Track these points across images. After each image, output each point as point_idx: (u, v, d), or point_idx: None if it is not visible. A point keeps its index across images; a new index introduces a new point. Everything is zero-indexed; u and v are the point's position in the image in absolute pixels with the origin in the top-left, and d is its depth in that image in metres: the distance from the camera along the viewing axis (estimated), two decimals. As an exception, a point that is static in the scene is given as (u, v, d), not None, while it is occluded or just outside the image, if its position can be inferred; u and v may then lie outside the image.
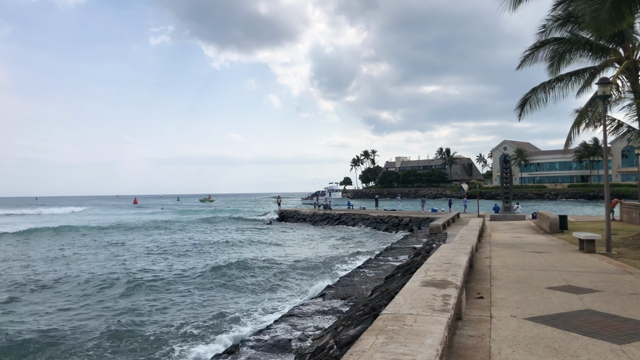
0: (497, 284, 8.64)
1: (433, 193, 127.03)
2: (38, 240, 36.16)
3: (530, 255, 12.83)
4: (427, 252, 15.70)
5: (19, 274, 20.36)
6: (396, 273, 14.51)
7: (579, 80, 17.81)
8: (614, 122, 17.60)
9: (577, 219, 29.81)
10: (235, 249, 29.00)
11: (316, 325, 10.82)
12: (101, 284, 17.93)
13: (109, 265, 23.12)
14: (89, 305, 14.87)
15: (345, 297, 13.36)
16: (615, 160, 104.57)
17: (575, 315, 6.26)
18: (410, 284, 6.17)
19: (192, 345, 10.52)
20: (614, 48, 16.92)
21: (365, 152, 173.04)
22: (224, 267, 21.15)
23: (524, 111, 18.76)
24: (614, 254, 12.68)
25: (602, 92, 13.18)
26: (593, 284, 8.45)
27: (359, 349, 3.58)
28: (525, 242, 16.68)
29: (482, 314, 6.46)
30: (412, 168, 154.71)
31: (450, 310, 4.69)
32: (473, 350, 4.94)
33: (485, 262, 11.41)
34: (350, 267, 20.13)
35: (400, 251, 22.62)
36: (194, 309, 14.16)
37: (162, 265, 22.56)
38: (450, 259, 8.28)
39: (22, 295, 16.21)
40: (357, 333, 7.32)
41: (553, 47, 17.26)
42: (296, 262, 22.81)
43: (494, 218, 32.41)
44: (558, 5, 16.93)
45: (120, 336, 11.41)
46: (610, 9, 11.30)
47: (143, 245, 31.65)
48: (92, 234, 41.50)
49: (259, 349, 9.35)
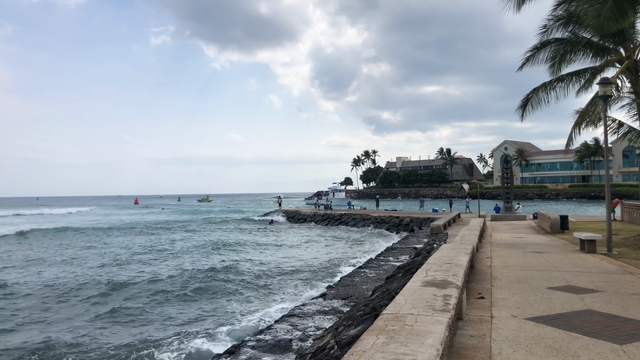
0: (498, 284, 8.63)
1: (434, 193, 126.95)
2: (41, 241, 36.20)
3: (531, 255, 12.82)
4: (428, 252, 15.69)
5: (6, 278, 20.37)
6: (397, 273, 14.50)
7: (580, 80, 17.79)
8: (615, 122, 17.59)
9: (578, 219, 29.78)
10: (234, 250, 28.99)
11: (317, 325, 10.81)
12: (97, 286, 17.89)
13: (107, 267, 23.14)
14: (86, 311, 14.88)
15: (346, 297, 13.36)
16: (616, 160, 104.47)
17: (576, 316, 6.26)
18: (411, 284, 6.17)
19: (191, 345, 10.52)
20: (614, 48, 16.91)
21: (366, 152, 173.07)
22: (224, 269, 21.15)
23: (526, 111, 18.77)
24: (614, 254, 12.67)
25: (603, 92, 13.17)
26: (594, 284, 8.44)
27: (360, 348, 3.58)
28: (526, 242, 16.66)
29: (483, 314, 6.46)
30: (412, 168, 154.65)
31: (450, 311, 4.69)
32: (474, 350, 4.94)
33: (486, 262, 11.40)
34: (351, 267, 20.13)
35: (401, 251, 22.62)
36: (193, 308, 14.17)
37: (162, 267, 22.58)
38: (451, 259, 8.28)
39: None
40: (358, 333, 7.32)
41: (554, 47, 17.25)
42: (296, 263, 22.82)
43: (495, 218, 32.39)
44: (559, 5, 16.92)
45: (118, 333, 11.42)
46: (613, 7, 11.29)
47: (145, 246, 31.67)
48: (97, 234, 41.49)
49: (259, 349, 9.34)
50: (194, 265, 22.24)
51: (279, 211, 60.26)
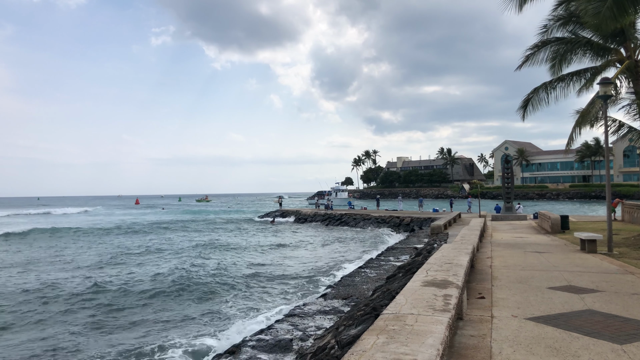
0: (498, 284, 8.63)
1: (434, 193, 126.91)
2: (54, 241, 36.25)
3: (531, 255, 12.82)
4: (429, 252, 15.69)
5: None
6: (397, 273, 14.51)
7: (581, 80, 17.78)
8: (615, 122, 17.58)
9: (579, 219, 29.78)
10: (234, 250, 29.01)
11: (317, 325, 10.82)
12: (97, 288, 17.93)
13: (107, 269, 23.18)
14: (89, 315, 14.89)
15: (346, 297, 13.37)
16: (616, 160, 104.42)
17: (576, 315, 6.26)
18: (411, 283, 6.17)
19: (192, 345, 10.53)
20: (615, 48, 16.90)
21: (367, 152, 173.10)
22: (224, 269, 21.18)
23: (526, 111, 18.76)
24: (615, 254, 12.67)
25: (603, 92, 13.16)
26: (594, 284, 8.44)
27: (360, 348, 3.59)
28: (527, 242, 16.66)
29: (483, 313, 6.46)
30: (413, 168, 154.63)
31: (451, 310, 4.69)
32: (474, 350, 4.95)
33: (487, 262, 11.41)
34: (351, 267, 20.13)
35: (402, 251, 22.62)
36: (193, 308, 14.19)
37: (166, 268, 22.60)
38: (452, 259, 8.28)
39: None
40: (358, 333, 7.33)
41: (554, 47, 17.24)
42: (297, 263, 22.84)
43: (496, 218, 32.39)
44: (559, 5, 16.91)
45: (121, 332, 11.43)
46: (612, 6, 11.27)
47: (145, 246, 31.69)
48: (105, 234, 41.49)
49: (260, 349, 9.35)
50: (194, 265, 22.23)
51: (281, 211, 60.28)
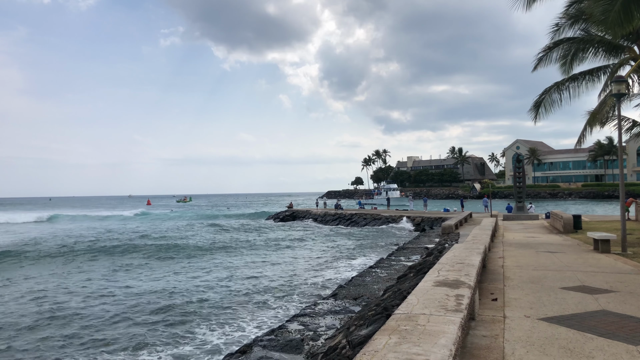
0: (511, 284, 8.58)
1: (445, 193, 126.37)
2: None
3: (544, 255, 12.72)
4: (440, 252, 15.64)
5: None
6: (408, 273, 14.47)
7: (593, 79, 17.61)
8: (629, 120, 17.39)
9: (592, 219, 29.47)
10: (245, 249, 29.11)
11: (328, 324, 10.83)
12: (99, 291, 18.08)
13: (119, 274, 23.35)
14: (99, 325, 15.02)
15: (357, 297, 13.36)
16: (630, 159, 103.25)
17: (590, 316, 6.20)
18: (422, 283, 6.16)
19: (204, 343, 10.60)
20: (628, 46, 16.71)
21: (377, 151, 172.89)
22: (233, 269, 21.25)
23: (539, 113, 18.54)
24: (629, 254, 12.53)
25: (616, 91, 13.01)
26: (608, 284, 8.36)
27: (372, 348, 3.59)
28: (539, 242, 16.54)
29: (496, 314, 6.43)
30: (424, 168, 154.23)
31: (463, 310, 4.67)
32: (486, 350, 4.93)
33: (499, 262, 11.34)
34: (362, 267, 20.11)
35: (413, 251, 22.56)
36: (206, 308, 14.26)
37: (184, 276, 22.74)
38: (463, 259, 8.25)
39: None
40: (370, 333, 7.32)
41: (566, 46, 17.09)
42: (307, 263, 22.87)
43: (507, 218, 32.17)
44: (571, 5, 16.77)
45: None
46: (620, 11, 11.13)
47: (161, 247, 31.92)
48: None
49: (271, 348, 9.38)
50: (206, 271, 22.35)
51: (290, 210, 60.29)
